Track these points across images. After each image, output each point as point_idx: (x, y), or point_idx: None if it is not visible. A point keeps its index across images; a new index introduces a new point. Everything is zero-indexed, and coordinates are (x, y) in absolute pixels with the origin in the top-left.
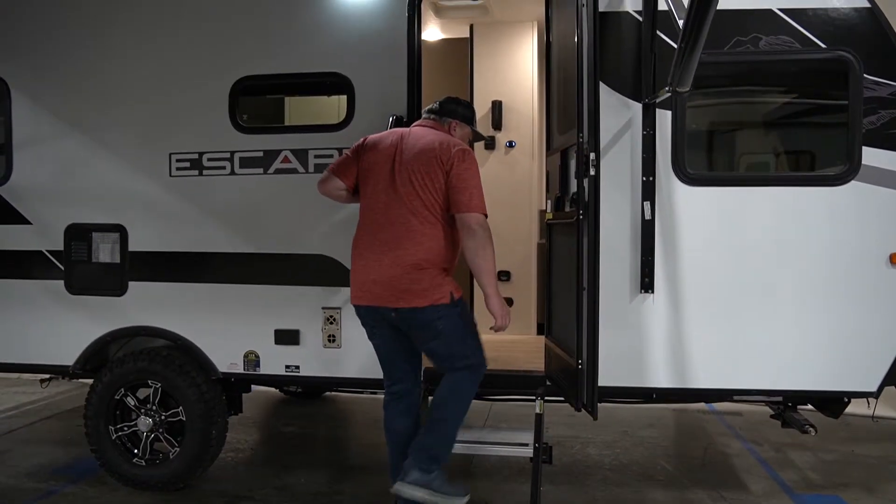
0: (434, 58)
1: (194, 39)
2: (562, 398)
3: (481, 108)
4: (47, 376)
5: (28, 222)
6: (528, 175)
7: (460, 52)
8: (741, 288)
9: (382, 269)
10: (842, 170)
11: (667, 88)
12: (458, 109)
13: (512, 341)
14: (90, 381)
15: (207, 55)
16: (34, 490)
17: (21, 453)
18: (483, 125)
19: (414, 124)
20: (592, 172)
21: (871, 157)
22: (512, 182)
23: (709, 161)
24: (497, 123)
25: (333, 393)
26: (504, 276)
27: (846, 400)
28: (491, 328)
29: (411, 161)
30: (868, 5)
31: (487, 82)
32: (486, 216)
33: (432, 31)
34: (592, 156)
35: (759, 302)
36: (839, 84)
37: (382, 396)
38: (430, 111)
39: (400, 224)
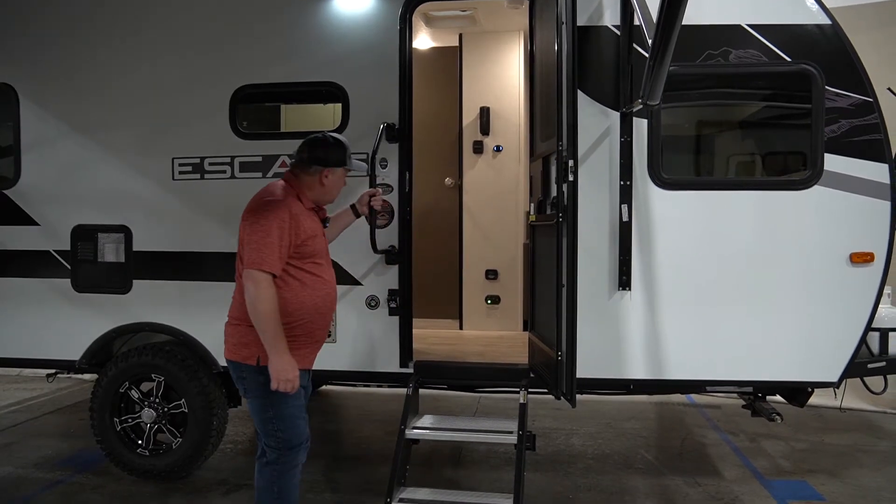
0: (425, 65)
1: (197, 49)
2: (545, 389)
3: (470, 114)
4: (53, 371)
5: (36, 223)
6: (515, 178)
7: (450, 60)
8: (713, 285)
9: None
10: (806, 175)
11: (639, 101)
12: (329, 155)
13: (499, 337)
14: (90, 378)
15: (209, 64)
16: (42, 480)
17: (27, 445)
18: (471, 130)
19: None
20: (571, 178)
21: (833, 163)
22: (499, 185)
23: (682, 166)
24: (485, 128)
25: (326, 387)
26: (492, 274)
27: (810, 390)
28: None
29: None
30: (829, 22)
31: (476, 89)
32: (268, 273)
33: (423, 40)
34: (571, 163)
35: (730, 298)
36: (803, 94)
37: (374, 389)
38: (298, 159)
39: (236, 278)
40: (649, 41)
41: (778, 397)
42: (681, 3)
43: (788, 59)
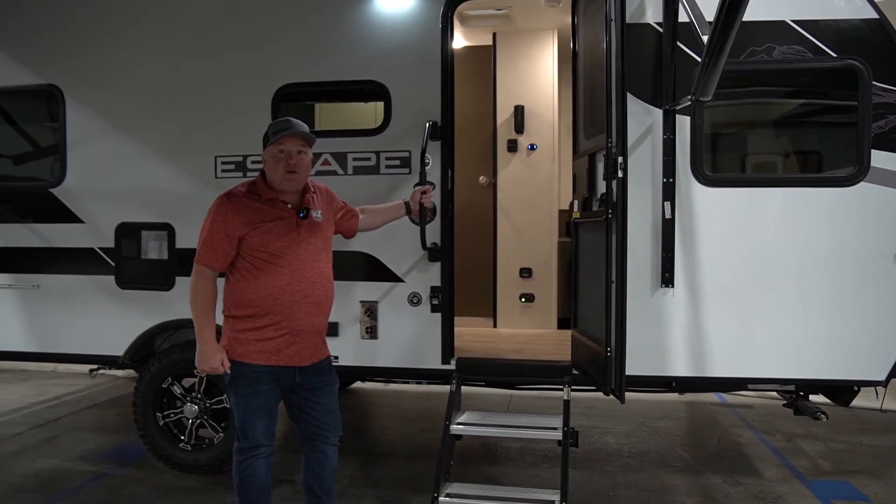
0: (459, 64)
1: (240, 49)
2: (587, 387)
3: (504, 113)
4: (96, 366)
5: (81, 221)
6: (549, 176)
7: (484, 59)
8: (756, 282)
9: None
10: (851, 172)
11: (689, 97)
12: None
13: (534, 335)
14: (124, 374)
15: (252, 64)
16: (88, 472)
17: (70, 439)
18: (506, 129)
19: None
20: (620, 175)
21: (880, 159)
22: (534, 183)
23: (726, 163)
24: (519, 127)
25: (357, 385)
26: (526, 272)
27: (856, 389)
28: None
29: None
30: (877, 16)
31: (510, 88)
32: (201, 266)
33: (457, 39)
34: (620, 159)
35: (773, 295)
36: (849, 90)
37: (412, 386)
38: None
39: None
40: (700, 38)
41: (820, 396)
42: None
43: (834, 55)
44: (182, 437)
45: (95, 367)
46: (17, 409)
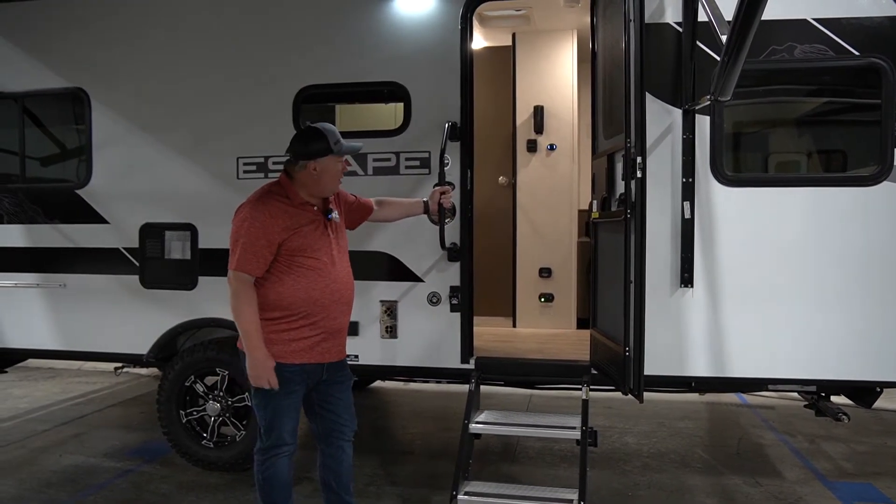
0: (478, 65)
1: (262, 51)
2: (606, 387)
3: (523, 113)
4: (121, 364)
5: (106, 222)
6: (569, 176)
7: (503, 60)
8: (776, 282)
9: None
10: (874, 171)
11: (708, 97)
12: (310, 147)
13: (553, 335)
14: (147, 373)
15: (274, 65)
16: (114, 468)
17: (95, 436)
18: (525, 129)
19: None
20: (639, 175)
21: None
22: (553, 183)
23: (746, 163)
24: (539, 127)
25: (377, 384)
26: (545, 272)
27: (878, 390)
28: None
29: None
30: None
31: (529, 88)
32: (240, 272)
33: (476, 40)
34: (639, 159)
35: (793, 296)
36: (872, 88)
37: (431, 386)
38: (289, 157)
39: None
40: (719, 37)
41: (842, 398)
42: None
43: (856, 53)
44: (205, 435)
45: (120, 365)
46: (44, 407)
